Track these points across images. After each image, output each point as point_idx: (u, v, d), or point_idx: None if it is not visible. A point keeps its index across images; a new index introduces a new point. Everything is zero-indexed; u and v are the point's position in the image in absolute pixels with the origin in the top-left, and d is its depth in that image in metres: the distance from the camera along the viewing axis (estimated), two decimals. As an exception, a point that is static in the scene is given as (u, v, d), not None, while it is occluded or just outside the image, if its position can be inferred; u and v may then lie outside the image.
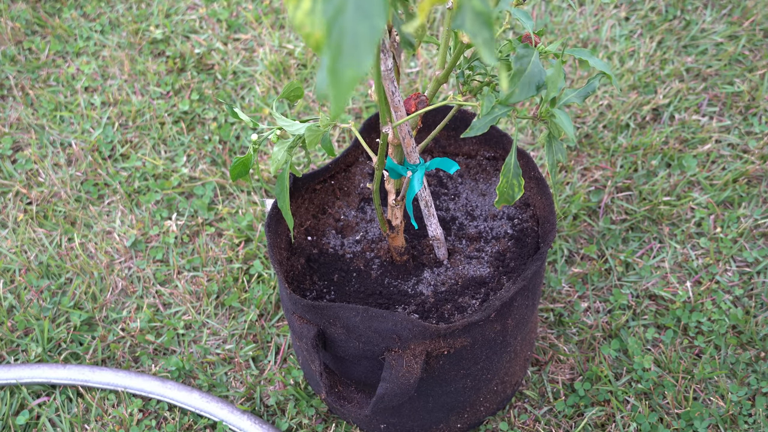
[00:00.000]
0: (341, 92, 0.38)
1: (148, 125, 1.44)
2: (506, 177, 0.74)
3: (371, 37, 0.38)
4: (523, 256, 0.99)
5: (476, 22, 0.45)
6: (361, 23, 0.38)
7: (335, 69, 0.38)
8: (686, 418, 1.08)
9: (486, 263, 0.99)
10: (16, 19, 1.62)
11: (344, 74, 0.38)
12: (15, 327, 1.21)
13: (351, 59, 0.38)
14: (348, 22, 0.38)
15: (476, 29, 0.45)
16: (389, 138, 0.81)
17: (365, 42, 0.38)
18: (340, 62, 0.38)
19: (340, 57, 0.38)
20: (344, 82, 0.38)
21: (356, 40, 0.38)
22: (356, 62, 0.38)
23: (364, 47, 0.38)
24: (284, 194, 0.83)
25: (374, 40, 0.38)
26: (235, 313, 1.21)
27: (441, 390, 0.96)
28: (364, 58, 0.38)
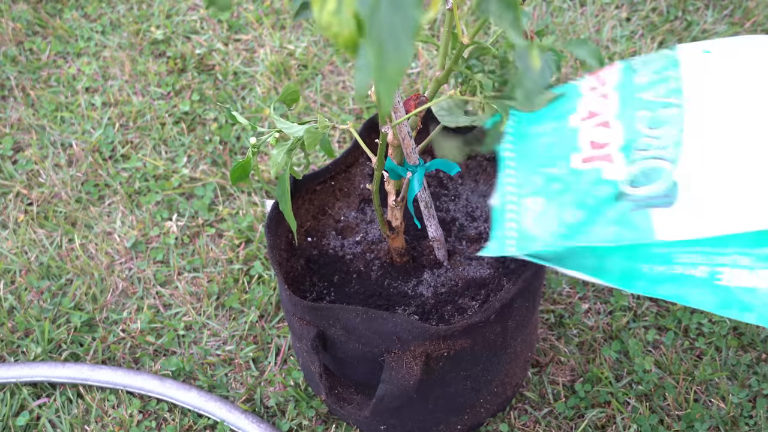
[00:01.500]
0: (389, 87, 0.39)
1: (148, 126, 1.44)
2: None
3: (408, 28, 0.39)
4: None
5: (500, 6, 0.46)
6: (396, 16, 0.39)
7: (380, 66, 0.39)
8: (687, 420, 1.08)
9: (486, 264, 0.99)
10: (17, 19, 1.62)
11: (389, 69, 0.39)
12: (15, 328, 1.21)
13: (393, 53, 0.39)
14: (384, 17, 0.39)
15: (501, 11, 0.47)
16: (389, 139, 0.80)
17: (404, 34, 0.39)
18: (383, 59, 0.39)
19: (382, 53, 0.39)
20: (390, 76, 0.39)
21: (395, 34, 0.39)
22: (398, 55, 0.39)
23: (404, 39, 0.39)
24: (286, 196, 0.83)
25: (412, 31, 0.39)
26: (236, 314, 1.21)
27: (441, 391, 0.96)
28: (405, 50, 0.39)
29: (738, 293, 0.69)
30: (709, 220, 0.70)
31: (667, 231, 0.70)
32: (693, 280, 0.71)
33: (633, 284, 0.74)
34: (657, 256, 0.72)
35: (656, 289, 0.73)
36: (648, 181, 0.73)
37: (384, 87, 0.39)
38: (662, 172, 0.73)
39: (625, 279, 0.74)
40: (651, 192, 0.73)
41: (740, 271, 0.69)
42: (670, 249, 0.71)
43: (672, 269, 0.72)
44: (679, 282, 0.72)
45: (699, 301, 0.71)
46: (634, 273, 0.73)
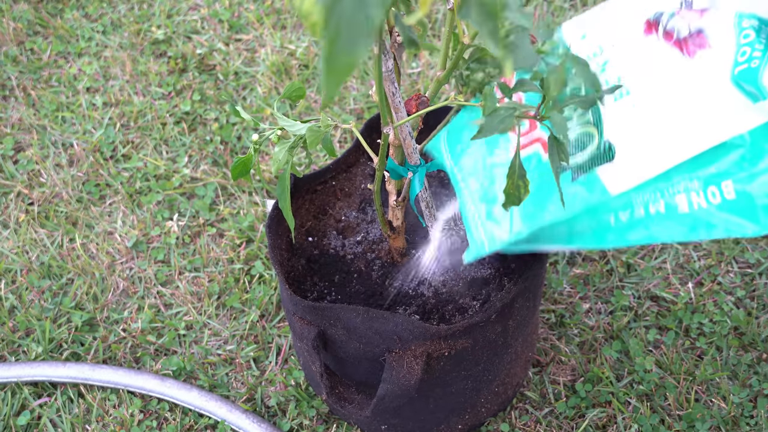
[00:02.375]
0: (334, 79, 0.39)
1: (149, 126, 1.45)
2: (512, 179, 0.74)
3: (368, 26, 0.39)
4: (524, 257, 0.99)
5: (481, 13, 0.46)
6: (358, 12, 0.39)
7: (330, 55, 0.39)
8: (688, 420, 1.08)
9: (487, 264, 0.99)
10: (18, 19, 1.63)
11: (338, 61, 0.39)
12: (16, 327, 1.21)
13: (346, 47, 0.39)
14: (346, 10, 0.39)
15: (481, 19, 0.46)
16: (390, 139, 0.80)
17: (361, 31, 0.39)
18: (335, 49, 0.39)
19: (336, 44, 0.39)
20: (338, 68, 0.39)
21: (352, 29, 0.39)
22: (351, 50, 0.39)
23: (360, 36, 0.39)
24: (285, 195, 0.83)
25: (370, 29, 0.39)
26: (237, 314, 1.21)
27: (442, 391, 0.96)
28: (360, 46, 0.39)
29: (699, 215, 0.75)
30: (649, 162, 0.76)
31: (618, 183, 0.77)
32: (656, 216, 0.77)
33: (604, 239, 0.80)
34: (617, 206, 0.78)
35: (627, 238, 0.78)
36: (583, 147, 0.80)
37: (329, 78, 0.39)
38: (592, 136, 0.80)
39: (596, 237, 0.80)
40: (589, 155, 0.79)
41: (693, 194, 0.75)
42: (628, 195, 0.77)
43: (636, 213, 0.78)
44: (645, 223, 0.77)
45: (669, 234, 0.76)
46: (603, 228, 0.79)
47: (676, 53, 0.78)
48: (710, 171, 0.74)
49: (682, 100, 0.77)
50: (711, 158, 0.74)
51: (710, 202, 0.75)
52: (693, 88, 0.77)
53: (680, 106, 0.77)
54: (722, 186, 0.74)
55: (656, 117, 0.78)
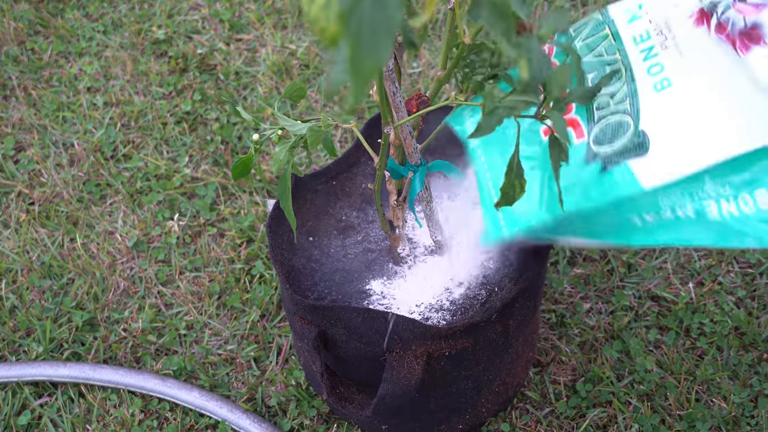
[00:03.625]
0: (361, 82, 0.39)
1: (150, 126, 1.45)
2: (509, 177, 0.74)
3: (389, 26, 0.39)
4: (525, 257, 0.99)
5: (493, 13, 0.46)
6: (378, 13, 0.39)
7: (355, 59, 0.39)
8: (688, 420, 1.08)
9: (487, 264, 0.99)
10: (19, 19, 1.63)
11: (364, 64, 0.39)
12: (17, 327, 1.21)
13: (370, 49, 0.39)
14: (366, 13, 0.39)
15: (493, 20, 0.46)
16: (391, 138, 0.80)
17: (383, 32, 0.39)
18: (359, 52, 0.39)
19: (359, 47, 0.39)
20: (364, 72, 0.39)
21: (374, 30, 0.39)
22: (375, 52, 0.39)
23: (383, 37, 0.39)
24: (287, 195, 0.83)
25: (392, 29, 0.39)
26: (237, 314, 1.21)
27: (442, 391, 0.96)
28: (383, 48, 0.39)
29: (730, 223, 0.72)
30: (684, 159, 0.73)
31: (649, 178, 0.74)
32: (685, 221, 0.74)
33: (630, 238, 0.77)
34: (644, 206, 0.76)
35: (654, 238, 0.76)
36: (615, 136, 0.77)
37: (356, 82, 0.39)
38: (627, 125, 0.77)
39: (621, 235, 0.78)
40: (622, 146, 0.77)
41: (724, 201, 0.72)
42: (656, 196, 0.75)
43: (662, 215, 0.75)
44: (673, 226, 0.75)
45: (697, 239, 0.74)
46: (628, 227, 0.77)
47: (728, 47, 0.75)
48: (744, 177, 0.71)
49: (727, 98, 0.74)
50: (747, 163, 0.71)
51: (742, 211, 0.72)
52: (740, 85, 0.73)
53: (724, 104, 0.74)
54: (756, 194, 0.71)
55: (697, 112, 0.74)
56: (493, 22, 0.46)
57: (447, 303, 0.96)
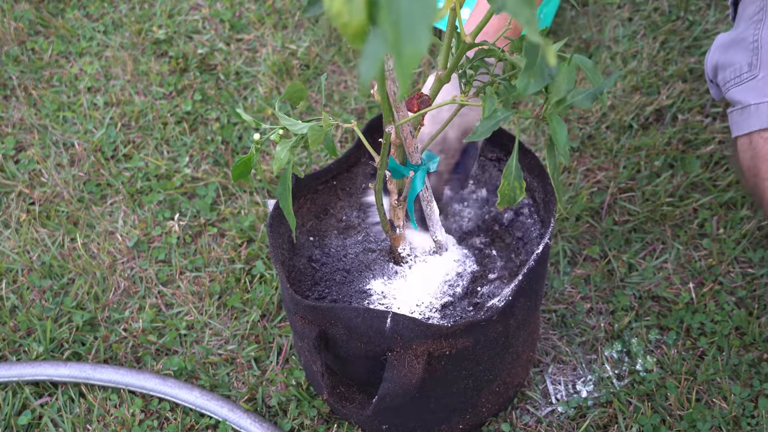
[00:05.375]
0: (405, 69, 0.40)
1: (150, 126, 1.45)
2: (508, 179, 0.74)
3: (426, 12, 0.40)
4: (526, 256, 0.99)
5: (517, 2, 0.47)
6: (414, 2, 0.40)
7: (397, 48, 0.40)
8: (689, 420, 1.08)
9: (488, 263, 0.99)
10: (20, 19, 1.63)
11: (405, 52, 0.40)
12: (17, 327, 1.21)
13: (410, 37, 0.40)
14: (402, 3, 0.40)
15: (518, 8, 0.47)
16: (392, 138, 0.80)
17: (421, 19, 0.40)
18: (400, 41, 0.40)
19: (400, 36, 0.40)
20: (407, 59, 0.40)
21: (412, 18, 0.40)
22: (415, 39, 0.40)
23: (421, 24, 0.40)
24: (287, 194, 0.83)
25: (429, 16, 0.40)
26: (237, 314, 1.21)
27: (443, 391, 0.96)
28: (422, 34, 0.40)
29: None
30: None
31: None
32: None
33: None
34: None
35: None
36: None
37: (401, 69, 0.40)
38: None
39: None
40: None
41: None
42: None
43: None
44: None
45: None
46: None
47: None
48: None
49: None
50: None
51: None
52: None
53: None
54: None
55: None
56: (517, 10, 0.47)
57: (448, 302, 0.96)
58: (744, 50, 0.99)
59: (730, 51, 1.01)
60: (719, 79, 1.03)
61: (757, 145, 0.96)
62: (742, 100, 0.98)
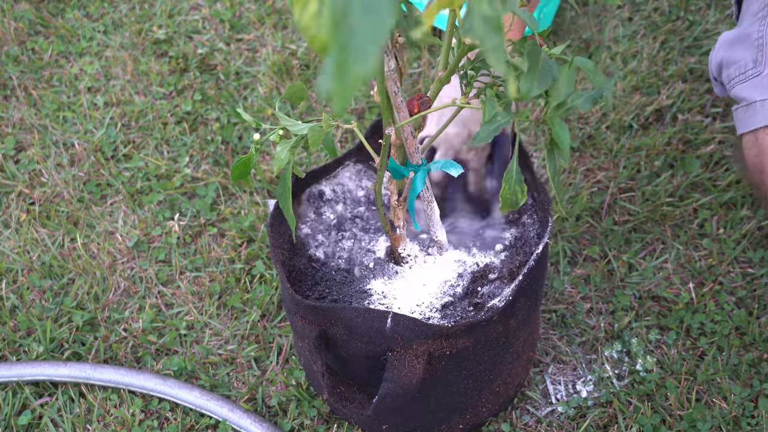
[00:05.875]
0: (345, 90, 0.37)
1: (150, 126, 1.45)
2: (508, 183, 0.74)
3: (378, 33, 0.37)
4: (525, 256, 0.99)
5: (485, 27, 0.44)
6: (368, 19, 0.37)
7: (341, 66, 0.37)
8: (689, 420, 1.08)
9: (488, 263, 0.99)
10: (20, 19, 1.63)
11: (350, 72, 0.37)
12: (17, 327, 1.21)
13: (357, 57, 0.37)
14: (356, 19, 0.37)
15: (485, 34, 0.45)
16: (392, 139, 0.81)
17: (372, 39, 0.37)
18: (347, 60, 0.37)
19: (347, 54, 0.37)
20: (349, 80, 0.37)
21: (363, 38, 0.37)
22: (364, 60, 0.37)
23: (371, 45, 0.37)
24: (286, 195, 0.83)
25: (381, 37, 0.37)
26: (238, 314, 1.21)
27: (443, 391, 0.96)
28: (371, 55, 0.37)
29: None
30: None
31: None
32: None
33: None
34: None
35: None
36: None
37: (340, 89, 0.37)
38: None
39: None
40: None
41: None
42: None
43: None
44: None
45: None
46: None
47: None
48: None
49: None
50: None
51: None
52: None
53: None
54: None
55: None
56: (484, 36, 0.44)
57: (448, 302, 0.96)
58: (749, 47, 0.99)
59: (735, 48, 1.01)
60: (724, 76, 1.03)
61: (762, 142, 0.96)
62: (747, 97, 0.98)
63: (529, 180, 1.03)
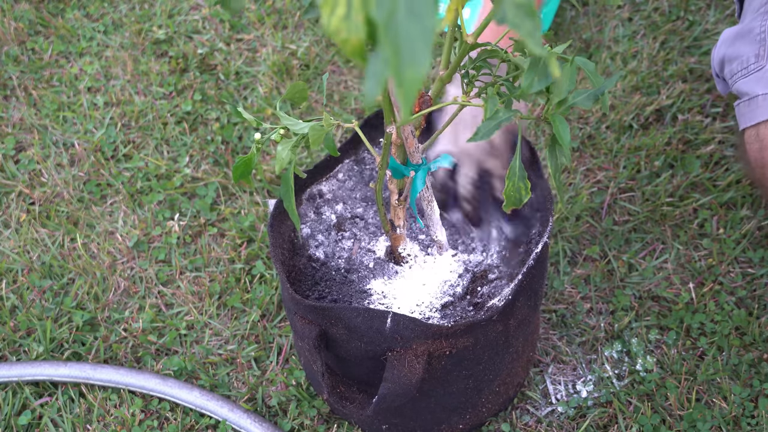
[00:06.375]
0: (407, 93, 0.39)
1: (150, 126, 1.45)
2: (512, 180, 0.74)
3: (425, 36, 0.38)
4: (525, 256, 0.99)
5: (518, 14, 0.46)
6: (413, 24, 0.38)
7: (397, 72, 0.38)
8: (689, 420, 1.08)
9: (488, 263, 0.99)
10: (20, 19, 1.62)
11: (406, 75, 0.39)
12: (17, 327, 1.21)
13: (410, 60, 0.38)
14: (401, 24, 0.38)
15: (519, 20, 0.46)
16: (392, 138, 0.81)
17: (420, 42, 0.38)
18: (400, 64, 0.39)
19: (399, 59, 0.38)
20: (408, 83, 0.39)
21: (411, 41, 0.38)
22: (415, 63, 0.38)
23: (421, 47, 0.38)
24: (289, 194, 0.83)
25: (429, 39, 0.38)
26: (237, 314, 1.21)
27: (443, 390, 0.96)
28: (422, 57, 0.38)
29: None
30: None
31: None
32: None
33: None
34: None
35: None
36: None
37: (403, 94, 0.39)
38: None
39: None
40: None
41: None
42: None
43: None
44: None
45: None
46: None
47: None
48: None
49: None
50: None
51: None
52: None
53: None
54: None
55: None
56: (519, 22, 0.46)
57: (448, 302, 0.96)
58: (751, 42, 0.99)
59: (737, 43, 1.01)
60: (726, 72, 1.03)
61: (764, 136, 0.96)
62: (750, 91, 0.98)
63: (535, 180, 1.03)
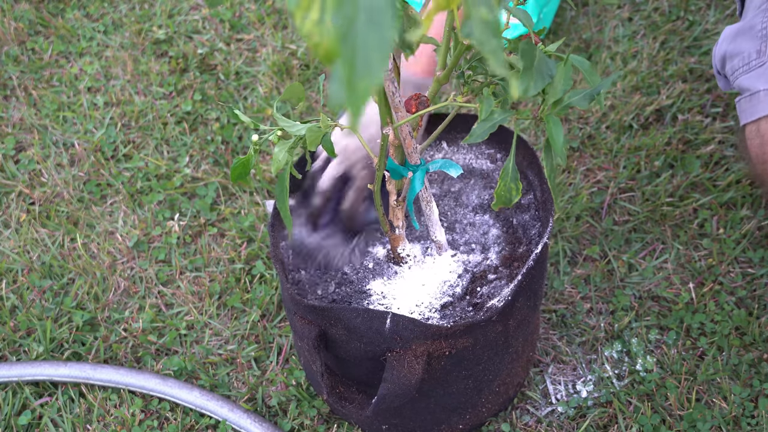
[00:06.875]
0: (357, 103, 0.39)
1: (150, 125, 1.45)
2: (504, 180, 0.74)
3: (383, 48, 0.39)
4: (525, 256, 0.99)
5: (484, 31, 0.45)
6: (372, 34, 0.39)
7: (350, 81, 0.39)
8: (689, 420, 1.08)
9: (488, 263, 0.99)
10: (20, 19, 1.63)
11: (359, 86, 0.39)
12: (17, 327, 1.21)
13: (364, 71, 0.39)
14: (359, 34, 0.39)
15: (484, 38, 0.46)
16: (390, 139, 0.80)
17: (377, 53, 0.39)
18: (354, 74, 0.39)
19: (354, 69, 0.39)
20: (359, 93, 0.39)
21: (368, 52, 0.39)
22: (369, 73, 0.39)
23: (377, 59, 0.39)
24: (284, 195, 0.83)
25: (386, 51, 0.39)
26: (237, 314, 1.21)
27: (443, 391, 0.96)
28: (377, 69, 0.39)
29: None
30: None
31: None
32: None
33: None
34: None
35: None
36: None
37: (353, 103, 0.39)
38: None
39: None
40: None
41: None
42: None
43: None
44: None
45: None
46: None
47: None
48: None
49: None
50: None
51: None
52: None
53: None
54: None
55: None
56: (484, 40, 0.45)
57: (447, 302, 0.96)
58: (752, 38, 0.99)
59: (738, 40, 1.01)
60: (727, 68, 1.03)
61: (765, 131, 0.96)
62: (751, 87, 0.98)
63: (533, 179, 1.03)
